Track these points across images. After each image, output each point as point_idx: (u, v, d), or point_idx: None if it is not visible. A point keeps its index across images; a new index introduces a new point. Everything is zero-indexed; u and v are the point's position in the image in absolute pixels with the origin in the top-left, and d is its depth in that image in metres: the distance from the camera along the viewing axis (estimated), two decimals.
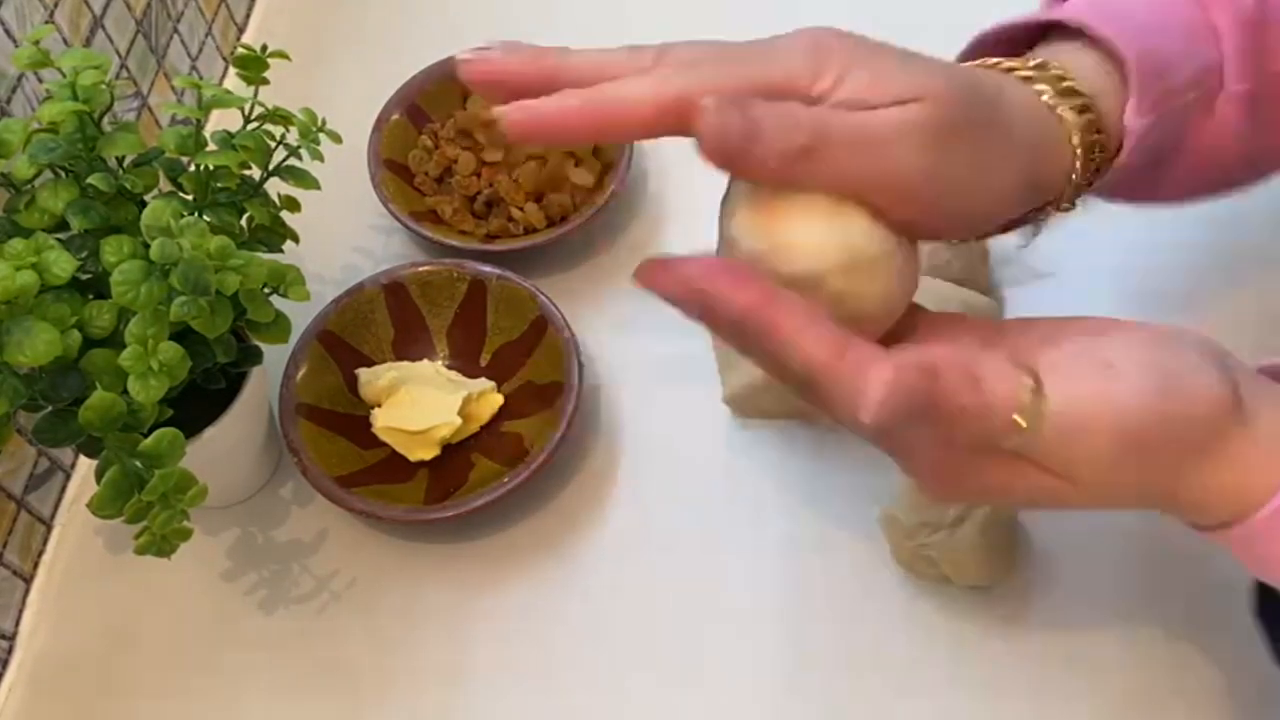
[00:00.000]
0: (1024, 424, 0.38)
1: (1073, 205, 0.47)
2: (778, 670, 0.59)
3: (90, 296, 0.54)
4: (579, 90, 0.38)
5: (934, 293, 0.63)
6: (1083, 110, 0.44)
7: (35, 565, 0.65)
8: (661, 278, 0.40)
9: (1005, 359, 0.39)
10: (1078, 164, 0.45)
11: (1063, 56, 0.46)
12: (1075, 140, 0.44)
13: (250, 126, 0.59)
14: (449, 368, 0.69)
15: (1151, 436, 0.39)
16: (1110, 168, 0.46)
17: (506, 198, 0.72)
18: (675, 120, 0.38)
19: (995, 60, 0.47)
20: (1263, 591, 0.48)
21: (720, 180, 0.75)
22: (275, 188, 0.61)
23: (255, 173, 0.60)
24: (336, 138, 0.62)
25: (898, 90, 0.40)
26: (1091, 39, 0.46)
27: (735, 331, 0.39)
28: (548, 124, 0.38)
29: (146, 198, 0.56)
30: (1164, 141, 0.47)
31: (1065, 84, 0.45)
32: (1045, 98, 0.44)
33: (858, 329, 0.38)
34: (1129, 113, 0.45)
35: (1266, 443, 0.40)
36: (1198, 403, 0.40)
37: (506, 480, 0.62)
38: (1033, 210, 0.47)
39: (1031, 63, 0.46)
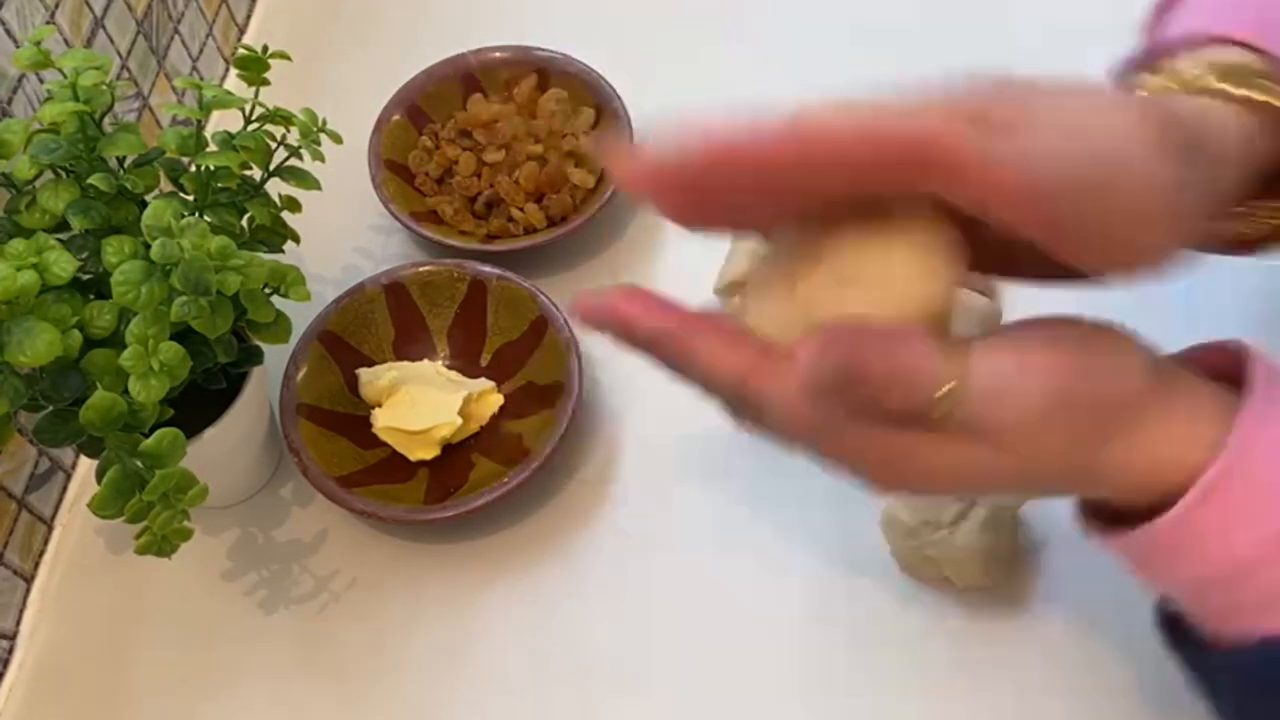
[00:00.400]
0: (949, 385, 0.37)
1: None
2: (777, 670, 0.59)
3: (91, 297, 0.54)
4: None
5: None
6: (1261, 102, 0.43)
7: (36, 565, 0.65)
8: (583, 308, 0.41)
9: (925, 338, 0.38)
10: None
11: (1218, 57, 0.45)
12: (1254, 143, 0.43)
13: (251, 127, 0.59)
14: (449, 368, 0.69)
15: (1078, 395, 0.39)
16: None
17: (507, 198, 0.72)
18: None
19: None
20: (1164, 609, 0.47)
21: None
22: (276, 188, 0.61)
23: (256, 173, 0.61)
24: (337, 138, 0.62)
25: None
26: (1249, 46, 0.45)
27: (655, 353, 0.41)
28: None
29: (147, 198, 0.56)
30: None
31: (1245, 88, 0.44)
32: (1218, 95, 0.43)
33: None
34: None
35: (1183, 424, 0.40)
36: (1122, 371, 0.40)
37: (506, 480, 0.62)
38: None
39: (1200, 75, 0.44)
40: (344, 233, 0.76)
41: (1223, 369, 0.42)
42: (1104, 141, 0.37)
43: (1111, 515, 0.43)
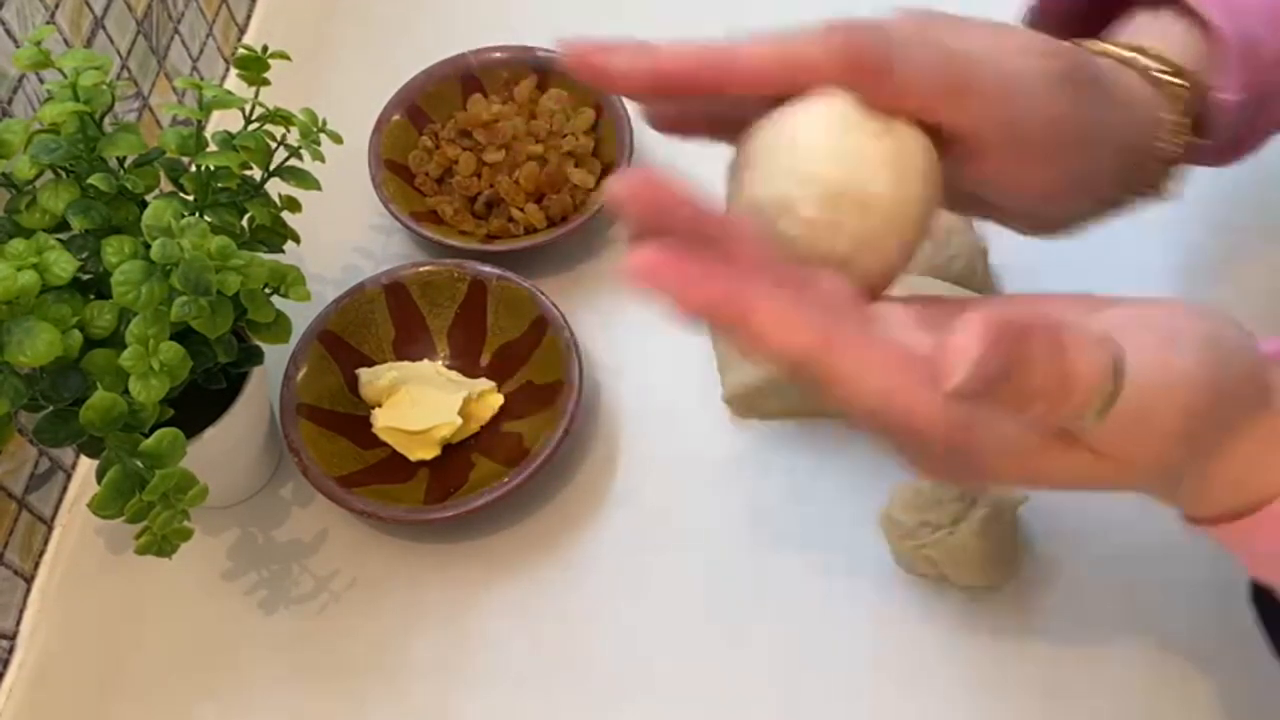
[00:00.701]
0: (1099, 405, 0.33)
1: (1159, 192, 0.46)
2: (777, 670, 0.59)
3: (91, 297, 0.54)
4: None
5: (934, 293, 0.63)
6: (1178, 89, 0.44)
7: (36, 565, 0.65)
8: (640, 274, 0.36)
9: (1083, 327, 0.34)
10: (1168, 143, 0.44)
11: (1152, 28, 0.46)
12: (1169, 117, 0.44)
13: (251, 127, 0.59)
14: (449, 368, 0.69)
15: (1209, 414, 0.36)
16: (1196, 144, 0.46)
17: (507, 198, 0.72)
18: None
19: (1090, 41, 0.46)
20: (1259, 590, 0.48)
21: (717, 181, 0.75)
22: (276, 188, 0.61)
23: (256, 173, 0.61)
24: (337, 138, 0.62)
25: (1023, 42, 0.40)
26: (1186, 10, 0.46)
27: (712, 323, 0.36)
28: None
29: (147, 198, 0.56)
30: (1252, 116, 0.47)
31: (1163, 64, 0.44)
32: (1138, 72, 0.44)
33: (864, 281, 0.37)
34: (1226, 92, 0.45)
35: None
36: (1246, 378, 0.37)
37: (506, 480, 0.62)
38: (1120, 196, 0.46)
39: (1126, 42, 0.45)
40: (344, 233, 0.76)
41: None
42: (1005, 57, 0.39)
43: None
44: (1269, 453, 0.38)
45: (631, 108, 0.76)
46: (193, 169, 0.59)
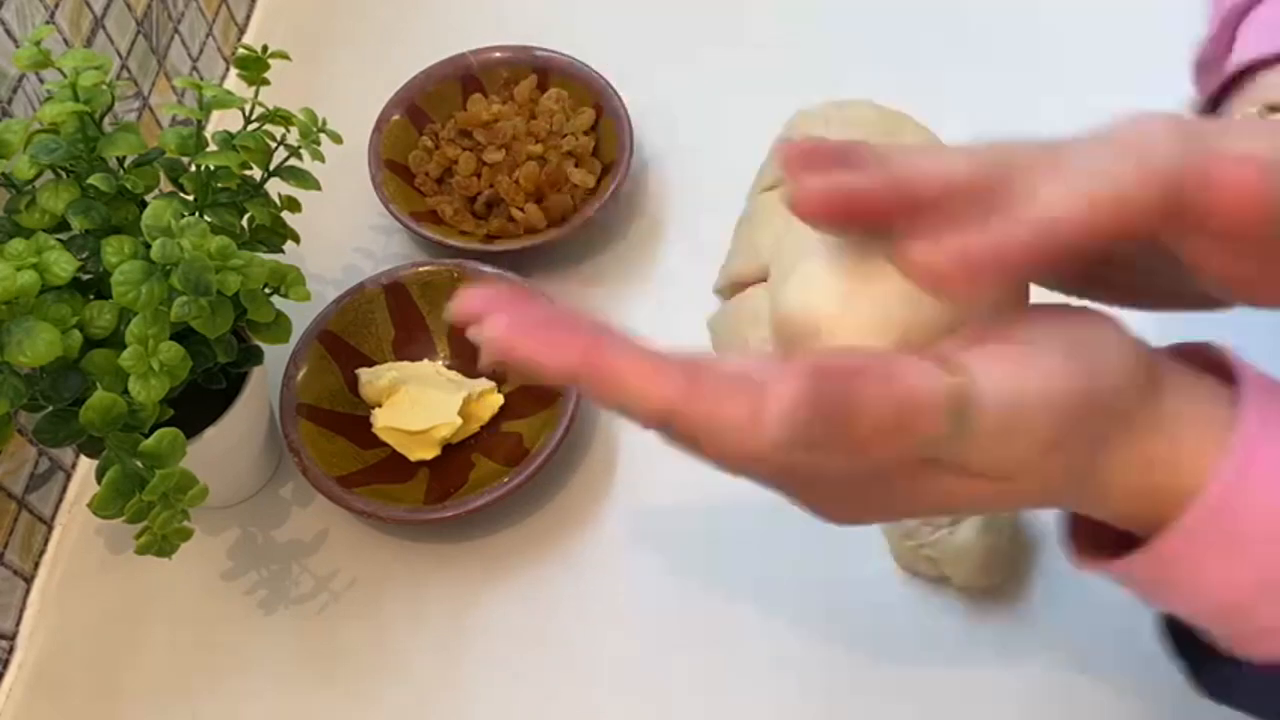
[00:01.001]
0: (949, 430, 0.33)
1: None
2: (777, 669, 0.59)
3: (91, 297, 0.54)
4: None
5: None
6: None
7: (36, 565, 0.65)
8: (462, 310, 0.35)
9: (922, 358, 0.34)
10: None
11: None
12: None
13: (251, 127, 0.59)
14: (449, 368, 0.69)
15: (1088, 414, 0.35)
16: None
17: (507, 198, 0.72)
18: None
19: None
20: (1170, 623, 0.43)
21: (717, 180, 0.75)
22: (276, 188, 0.61)
23: (256, 173, 0.61)
24: (337, 138, 0.62)
25: None
26: None
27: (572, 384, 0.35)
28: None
29: (147, 198, 0.56)
30: None
31: None
32: None
33: None
34: None
35: (1171, 428, 0.36)
36: (1124, 373, 0.35)
37: (506, 480, 0.62)
38: None
39: None
40: (344, 233, 0.76)
41: (1204, 367, 0.38)
42: None
43: (1101, 538, 0.40)
44: (1162, 448, 0.36)
45: (632, 108, 0.76)
46: (193, 169, 0.59)
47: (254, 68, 0.60)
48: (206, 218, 0.58)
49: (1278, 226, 0.33)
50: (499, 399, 0.67)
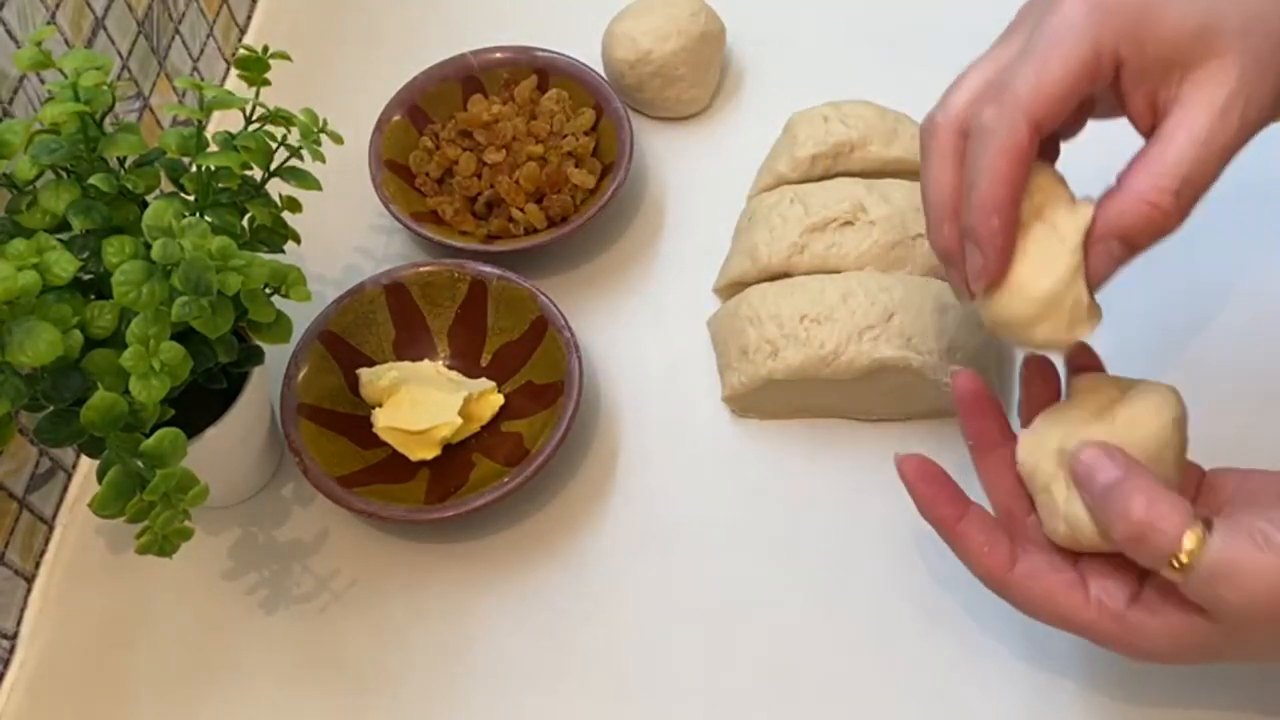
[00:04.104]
0: (1184, 556, 0.44)
1: None
2: (778, 669, 0.59)
3: (92, 297, 0.54)
4: None
5: (934, 293, 0.63)
6: None
7: (37, 565, 0.65)
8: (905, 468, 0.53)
9: (1183, 500, 0.45)
10: None
11: None
12: None
13: (252, 127, 0.60)
14: (450, 368, 0.69)
15: None
16: None
17: (507, 198, 0.73)
18: None
19: None
20: None
21: (717, 181, 0.75)
22: (277, 188, 0.61)
23: (257, 173, 0.61)
24: (338, 138, 0.62)
25: None
26: None
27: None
28: None
29: (148, 198, 0.56)
30: None
31: None
32: None
33: None
34: None
35: None
36: None
37: (507, 480, 0.62)
38: None
39: None
40: (344, 233, 0.76)
41: None
42: None
43: None
44: None
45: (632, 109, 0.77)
46: (193, 169, 0.59)
47: (255, 68, 0.60)
48: (207, 218, 0.58)
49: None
50: (499, 399, 0.67)
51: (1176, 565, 0.44)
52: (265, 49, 0.61)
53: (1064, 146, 0.51)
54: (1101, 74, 0.45)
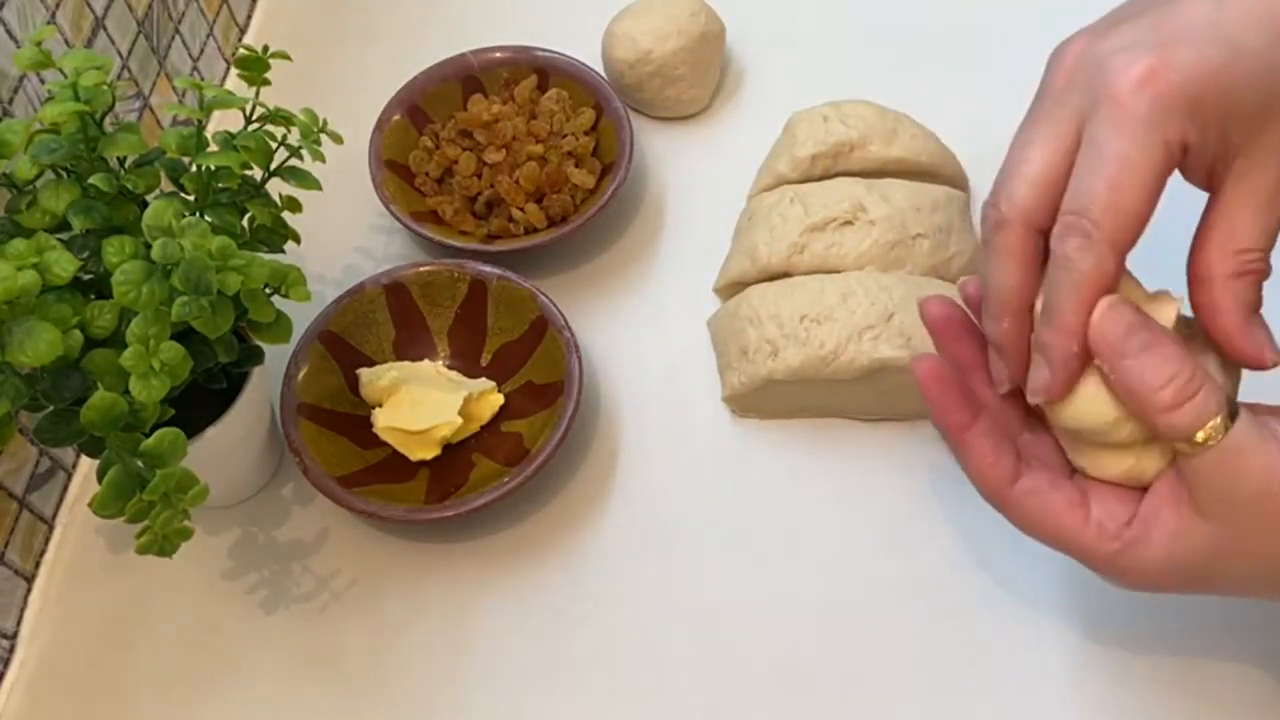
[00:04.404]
0: (1211, 430, 0.43)
1: None
2: (778, 668, 0.59)
3: (92, 296, 0.54)
4: None
5: (934, 293, 0.63)
6: None
7: (37, 565, 0.65)
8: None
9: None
10: None
11: None
12: None
13: (252, 127, 0.60)
14: (450, 368, 0.69)
15: None
16: None
17: (507, 198, 0.73)
18: None
19: None
20: None
21: (717, 181, 0.75)
22: (277, 188, 0.61)
23: (257, 173, 0.61)
24: (338, 138, 0.62)
25: None
26: None
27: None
28: None
29: (148, 198, 0.56)
30: None
31: None
32: None
33: None
34: None
35: None
36: None
37: (507, 480, 0.62)
38: None
39: None
40: (344, 233, 0.76)
41: None
42: None
43: None
44: None
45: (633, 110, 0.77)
46: (193, 169, 0.59)
47: (255, 68, 0.60)
48: (207, 218, 0.58)
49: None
50: (499, 399, 0.67)
51: (1198, 440, 0.43)
52: (265, 49, 0.61)
53: None
54: (1172, 168, 0.44)
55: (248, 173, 0.59)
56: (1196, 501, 0.45)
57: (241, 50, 0.61)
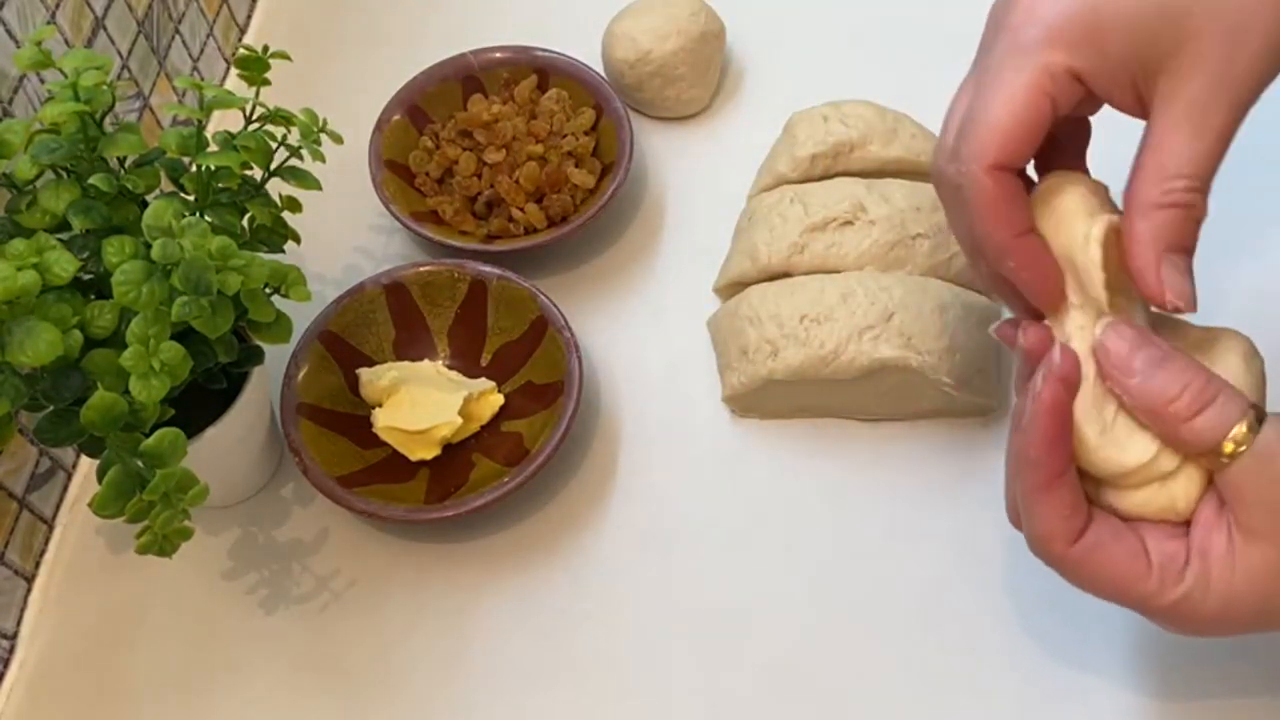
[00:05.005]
0: (1232, 445, 0.42)
1: None
2: (778, 668, 0.59)
3: (92, 296, 0.54)
4: None
5: (934, 293, 0.63)
6: None
7: (37, 565, 0.65)
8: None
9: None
10: None
11: None
12: None
13: (252, 127, 0.60)
14: (450, 368, 0.69)
15: None
16: None
17: (507, 198, 0.73)
18: None
19: None
20: None
21: (717, 181, 0.75)
22: (276, 188, 0.61)
23: (257, 173, 0.61)
24: (338, 138, 0.62)
25: None
26: None
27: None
28: None
29: (148, 198, 0.56)
30: None
31: None
32: None
33: None
34: None
35: None
36: None
37: (507, 480, 0.62)
38: None
39: None
40: (344, 233, 0.76)
41: None
42: None
43: None
44: None
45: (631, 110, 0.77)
46: (193, 169, 0.59)
47: (255, 68, 0.60)
48: (207, 218, 0.58)
49: None
50: (499, 399, 0.67)
51: (1227, 451, 0.42)
52: (265, 49, 0.61)
53: None
54: (1062, 95, 0.44)
55: (248, 173, 0.59)
56: (1242, 521, 0.43)
57: (241, 50, 0.61)
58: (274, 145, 0.60)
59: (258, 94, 0.60)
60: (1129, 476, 0.45)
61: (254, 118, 0.60)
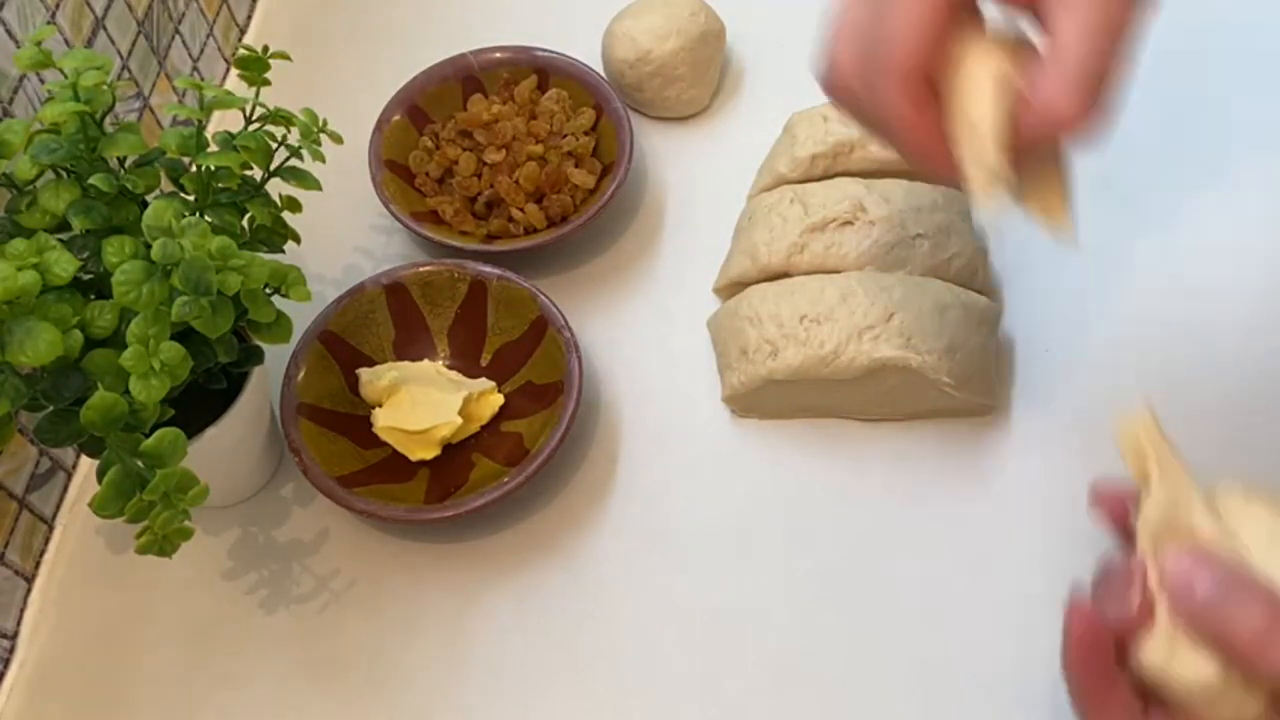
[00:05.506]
0: None
1: None
2: (778, 668, 0.59)
3: (92, 297, 0.54)
4: None
5: (934, 293, 0.63)
6: None
7: (37, 565, 0.65)
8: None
9: None
10: None
11: None
12: None
13: (252, 127, 0.60)
14: (450, 368, 0.69)
15: None
16: None
17: (507, 198, 0.73)
18: None
19: None
20: None
21: (717, 181, 0.75)
22: (277, 188, 0.61)
23: (257, 173, 0.61)
24: (338, 138, 0.62)
25: None
26: None
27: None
28: None
29: (148, 198, 0.57)
30: None
31: None
32: None
33: None
34: None
35: None
36: None
37: (507, 480, 0.62)
38: None
39: None
40: (344, 233, 0.76)
41: None
42: None
43: None
44: None
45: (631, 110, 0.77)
46: (193, 169, 0.59)
47: (255, 68, 0.60)
48: (207, 218, 0.58)
49: None
50: (499, 399, 0.67)
51: None
52: (265, 49, 0.61)
53: None
54: None
55: (248, 173, 0.59)
56: None
57: (241, 50, 0.61)
58: (274, 145, 0.60)
59: (258, 94, 0.60)
60: (1194, 695, 0.42)
61: (254, 118, 0.60)
